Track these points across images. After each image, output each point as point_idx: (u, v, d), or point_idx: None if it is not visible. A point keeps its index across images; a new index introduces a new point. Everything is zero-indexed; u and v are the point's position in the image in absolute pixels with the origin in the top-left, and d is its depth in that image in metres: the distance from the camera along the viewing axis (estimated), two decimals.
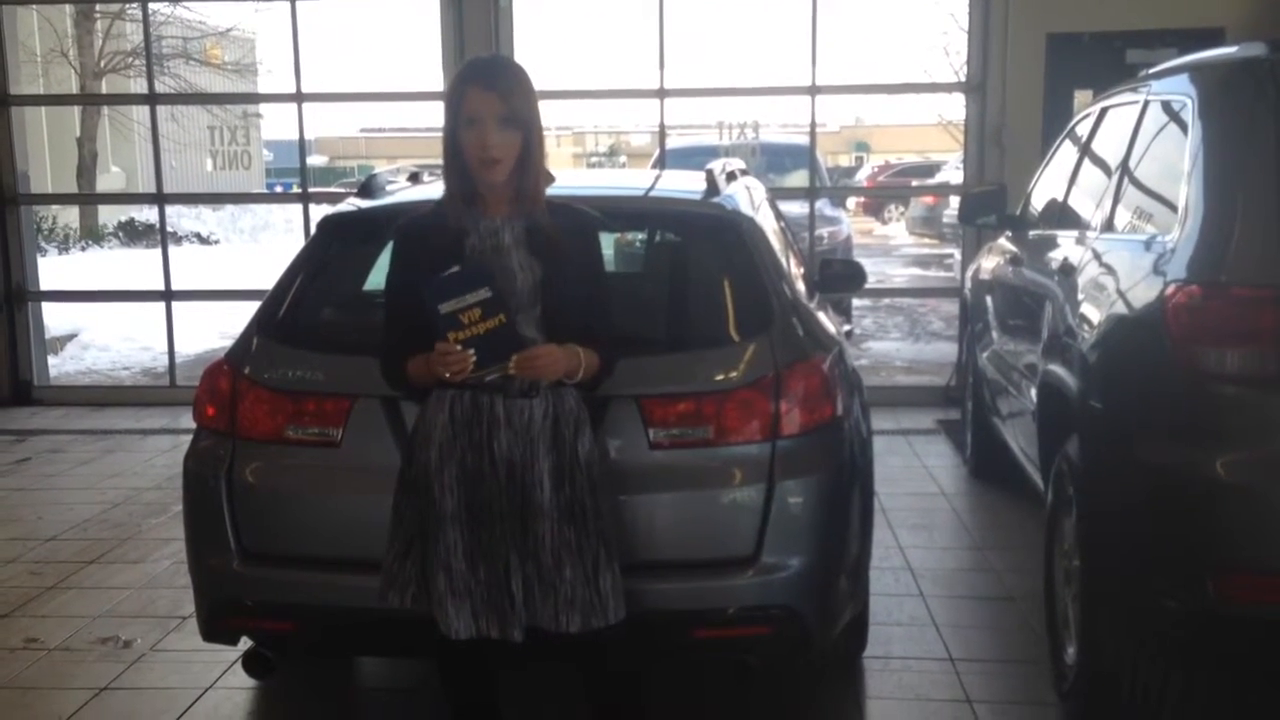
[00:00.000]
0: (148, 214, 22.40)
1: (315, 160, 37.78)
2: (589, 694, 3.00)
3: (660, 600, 2.99)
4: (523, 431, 2.72)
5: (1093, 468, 3.34)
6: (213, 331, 10.42)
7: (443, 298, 2.57)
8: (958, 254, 10.75)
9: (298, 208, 8.96)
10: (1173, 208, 3.20)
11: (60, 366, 10.46)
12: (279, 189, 28.91)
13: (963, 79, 8.39)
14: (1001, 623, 4.28)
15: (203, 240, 23.55)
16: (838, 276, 4.70)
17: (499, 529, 2.71)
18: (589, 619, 2.73)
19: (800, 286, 3.75)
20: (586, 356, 2.74)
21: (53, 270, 12.70)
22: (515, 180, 2.73)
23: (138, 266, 13.21)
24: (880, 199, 28.68)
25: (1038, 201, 5.28)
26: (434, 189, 3.84)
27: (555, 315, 2.71)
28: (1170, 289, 2.97)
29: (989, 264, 5.80)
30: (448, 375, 2.61)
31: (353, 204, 3.74)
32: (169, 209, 9.92)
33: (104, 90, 23.45)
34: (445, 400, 2.73)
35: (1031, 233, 5.08)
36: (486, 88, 2.67)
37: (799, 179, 11.15)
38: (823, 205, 10.28)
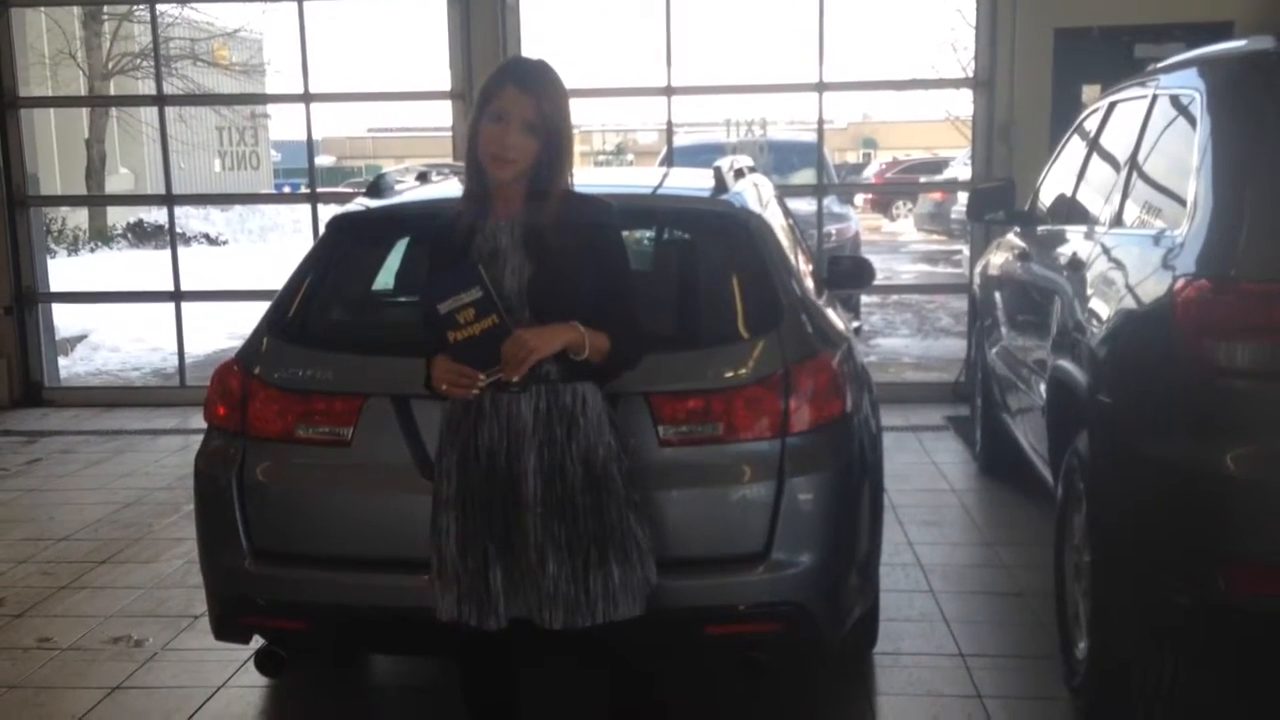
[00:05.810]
0: (156, 215, 22.51)
1: (323, 160, 37.83)
2: (612, 693, 2.99)
3: (671, 597, 2.98)
4: (508, 425, 2.71)
5: (1102, 463, 3.33)
6: (222, 332, 10.45)
7: (441, 297, 2.58)
8: (966, 250, 10.72)
9: (306, 208, 8.98)
10: (1181, 202, 3.19)
11: (70, 368, 10.50)
12: (287, 189, 28.95)
13: (970, 75, 8.37)
14: (1012, 618, 4.28)
15: (211, 241, 23.63)
16: (846, 273, 4.71)
17: (481, 519, 2.73)
18: (572, 616, 2.70)
19: (809, 283, 3.75)
20: (592, 336, 2.66)
21: (62, 272, 12.76)
22: (528, 181, 2.72)
23: (147, 267, 13.25)
24: (888, 195, 28.67)
25: (1046, 197, 5.27)
26: (441, 188, 3.85)
27: (550, 314, 2.66)
28: (1179, 283, 2.97)
29: (997, 260, 5.80)
30: (444, 387, 2.64)
31: (361, 204, 3.74)
32: (177, 210, 9.93)
33: (112, 92, 23.54)
34: None
35: (1040, 228, 5.07)
36: (524, 89, 2.67)
37: (807, 176, 11.13)
38: (831, 202, 10.27)
